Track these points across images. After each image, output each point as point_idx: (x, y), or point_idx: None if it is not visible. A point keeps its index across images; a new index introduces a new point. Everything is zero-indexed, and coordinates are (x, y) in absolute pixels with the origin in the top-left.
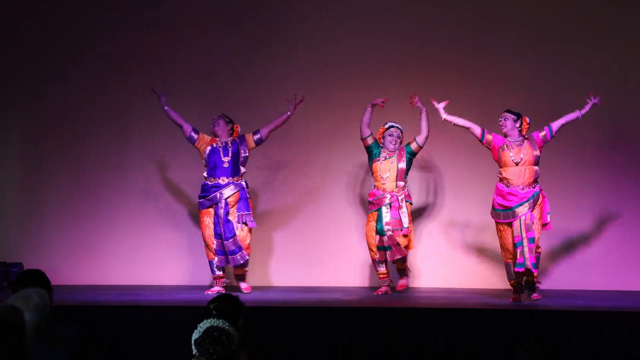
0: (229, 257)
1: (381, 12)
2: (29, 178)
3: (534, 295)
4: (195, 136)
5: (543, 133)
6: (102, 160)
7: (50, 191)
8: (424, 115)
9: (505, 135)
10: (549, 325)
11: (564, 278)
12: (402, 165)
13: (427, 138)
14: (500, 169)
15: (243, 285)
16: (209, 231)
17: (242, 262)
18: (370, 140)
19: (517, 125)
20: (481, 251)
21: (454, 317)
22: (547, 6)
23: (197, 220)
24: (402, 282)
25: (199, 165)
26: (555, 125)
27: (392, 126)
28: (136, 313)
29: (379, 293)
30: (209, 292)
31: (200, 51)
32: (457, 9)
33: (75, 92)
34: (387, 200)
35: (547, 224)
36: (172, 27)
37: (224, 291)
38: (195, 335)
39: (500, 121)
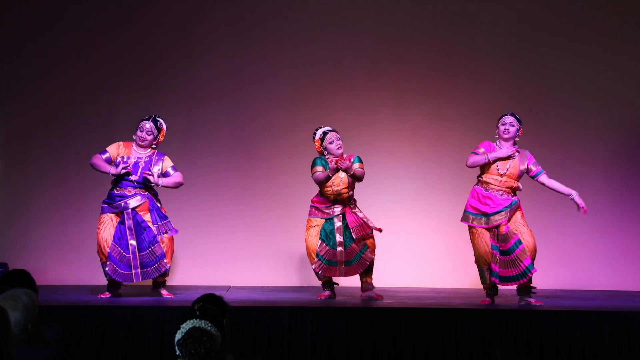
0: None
1: (364, 11)
2: (14, 178)
3: (532, 300)
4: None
5: (533, 167)
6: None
7: (35, 191)
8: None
9: (497, 139)
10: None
11: (555, 277)
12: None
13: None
14: (482, 174)
15: (163, 292)
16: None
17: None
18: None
19: (518, 134)
20: (468, 251)
21: (441, 317)
22: (533, 8)
23: (184, 218)
24: (371, 293)
25: (181, 166)
26: (546, 180)
27: (328, 131)
28: (130, 313)
29: (323, 297)
30: (102, 296)
31: (183, 54)
32: (451, 8)
33: (61, 92)
34: (337, 211)
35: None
36: (157, 29)
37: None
38: (178, 336)
39: (504, 126)
